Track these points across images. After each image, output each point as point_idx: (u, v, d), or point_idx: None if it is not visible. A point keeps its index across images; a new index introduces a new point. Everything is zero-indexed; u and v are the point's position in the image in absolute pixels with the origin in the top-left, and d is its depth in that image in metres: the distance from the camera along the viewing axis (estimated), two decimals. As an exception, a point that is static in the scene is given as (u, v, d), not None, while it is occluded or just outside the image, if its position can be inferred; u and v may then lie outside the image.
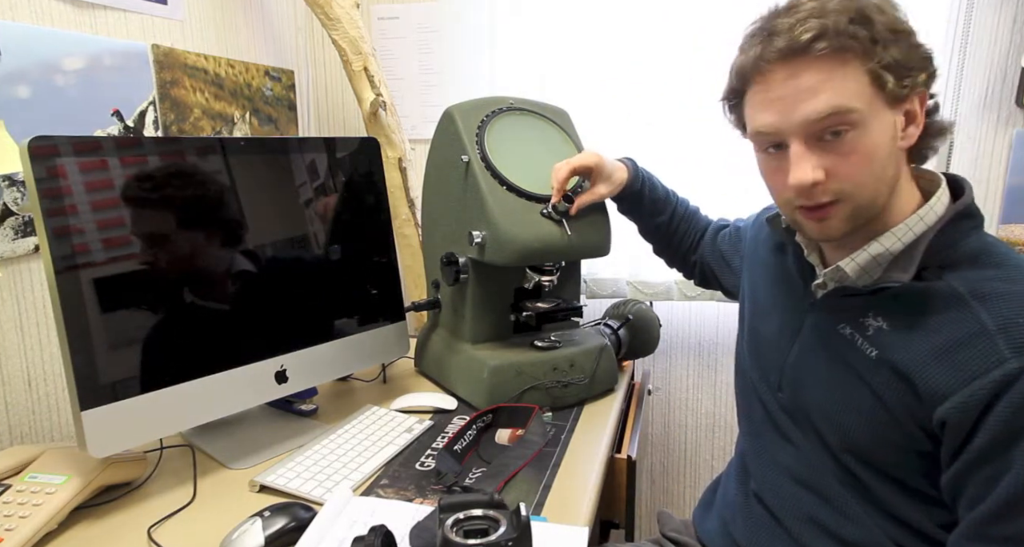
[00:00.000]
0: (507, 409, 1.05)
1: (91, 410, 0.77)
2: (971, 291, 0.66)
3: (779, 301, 0.87)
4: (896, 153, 0.70)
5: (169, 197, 0.86)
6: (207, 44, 1.39)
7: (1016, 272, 0.66)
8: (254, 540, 0.73)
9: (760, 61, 0.68)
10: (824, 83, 0.66)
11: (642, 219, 1.16)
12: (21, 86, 1.00)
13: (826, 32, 0.65)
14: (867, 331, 0.73)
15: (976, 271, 0.67)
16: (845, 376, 0.74)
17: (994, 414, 0.61)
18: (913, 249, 0.71)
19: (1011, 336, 0.61)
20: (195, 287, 0.89)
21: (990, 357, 0.62)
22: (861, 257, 0.73)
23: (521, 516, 0.63)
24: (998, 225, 1.44)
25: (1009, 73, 1.39)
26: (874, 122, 0.67)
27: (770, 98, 0.70)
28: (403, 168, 1.57)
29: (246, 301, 0.95)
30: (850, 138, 0.67)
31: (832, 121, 0.66)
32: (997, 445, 0.61)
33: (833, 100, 0.66)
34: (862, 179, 0.68)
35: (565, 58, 1.58)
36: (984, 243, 0.70)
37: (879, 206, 0.71)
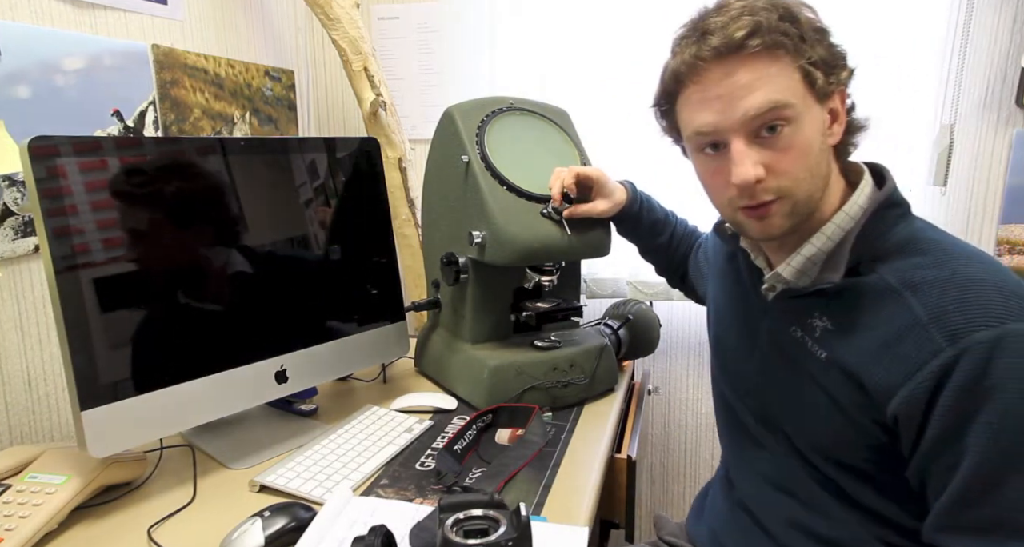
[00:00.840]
0: (507, 409, 1.05)
1: (91, 410, 0.77)
2: (902, 282, 0.66)
3: (736, 308, 0.88)
4: (827, 149, 0.72)
5: (168, 197, 0.86)
6: (207, 44, 1.39)
7: (943, 257, 0.66)
8: (254, 540, 0.73)
9: (696, 60, 0.68)
10: (759, 79, 0.67)
11: (642, 240, 1.16)
12: (21, 86, 1.00)
13: (759, 29, 0.66)
14: (815, 332, 0.73)
15: (905, 260, 0.68)
16: (801, 379, 0.75)
17: (940, 404, 0.61)
18: (842, 246, 0.72)
19: (943, 324, 0.62)
20: (195, 287, 0.89)
21: (926, 348, 0.62)
22: (796, 260, 0.74)
23: (521, 516, 0.63)
24: (998, 225, 1.44)
25: (1009, 73, 1.39)
26: (807, 117, 0.69)
27: (707, 97, 0.70)
28: (403, 168, 1.57)
29: (246, 301, 0.95)
30: (786, 133, 0.68)
31: (770, 116, 0.67)
32: (948, 434, 0.61)
33: (771, 95, 0.66)
34: (800, 174, 0.69)
35: (565, 58, 1.58)
36: (912, 230, 0.70)
37: (815, 202, 0.72)
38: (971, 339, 0.60)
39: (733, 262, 0.90)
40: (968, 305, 0.61)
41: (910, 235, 0.70)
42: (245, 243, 0.95)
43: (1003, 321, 0.60)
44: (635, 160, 1.54)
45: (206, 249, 0.91)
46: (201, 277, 0.90)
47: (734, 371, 0.87)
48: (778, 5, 0.67)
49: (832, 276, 0.71)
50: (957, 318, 0.61)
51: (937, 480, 0.64)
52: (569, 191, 1.04)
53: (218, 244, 0.92)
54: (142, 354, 0.83)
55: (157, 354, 0.84)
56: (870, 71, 1.42)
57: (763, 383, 0.81)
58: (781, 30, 0.66)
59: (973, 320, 0.60)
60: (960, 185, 1.46)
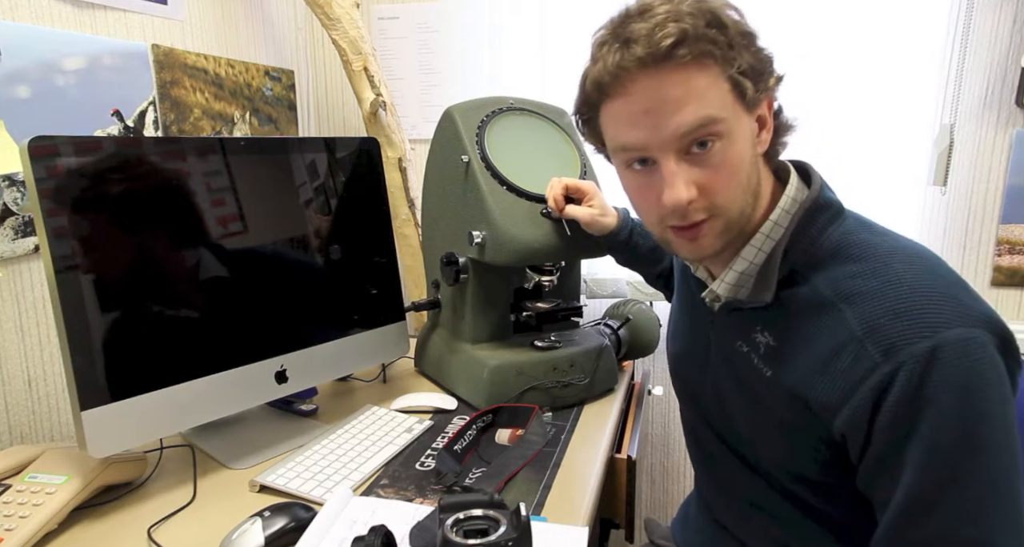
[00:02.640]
0: (507, 409, 1.05)
1: (91, 410, 0.77)
2: (836, 293, 0.64)
3: (690, 322, 0.86)
4: (756, 159, 0.69)
5: (167, 197, 0.86)
6: (207, 44, 1.39)
7: (876, 263, 0.63)
8: (254, 540, 0.73)
9: (619, 70, 0.63)
10: (688, 93, 0.62)
11: (644, 268, 1.12)
12: (21, 86, 1.00)
13: (686, 37, 0.61)
14: (759, 349, 0.71)
15: (839, 268, 0.65)
16: (751, 397, 0.73)
17: (880, 419, 0.59)
18: (772, 258, 0.69)
19: (877, 338, 0.59)
20: (194, 287, 0.89)
21: (863, 364, 0.60)
22: (729, 276, 0.72)
23: (521, 516, 0.63)
24: (998, 225, 1.44)
25: (1009, 73, 1.39)
26: (737, 130, 0.65)
27: (634, 111, 0.65)
28: (403, 168, 1.57)
29: (246, 301, 0.95)
30: (718, 149, 0.64)
31: (701, 133, 0.63)
32: (888, 450, 0.60)
33: (701, 111, 0.62)
34: (732, 192, 0.66)
35: (565, 58, 1.58)
36: (843, 233, 0.67)
37: (747, 217, 0.69)
38: (906, 353, 0.58)
39: (685, 274, 0.87)
40: (901, 316, 0.59)
41: (841, 239, 0.67)
42: (245, 243, 0.95)
43: (936, 330, 0.57)
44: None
45: (206, 249, 0.91)
46: (200, 277, 0.90)
47: (693, 386, 0.85)
48: (704, 10, 0.62)
49: (764, 295, 0.69)
50: (891, 331, 0.59)
51: (881, 494, 0.62)
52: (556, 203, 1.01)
53: (218, 244, 0.92)
54: (142, 354, 0.83)
55: (157, 354, 0.84)
56: (870, 71, 1.42)
57: (719, 399, 0.79)
58: (709, 38, 0.61)
59: (906, 332, 0.58)
60: (960, 185, 1.46)
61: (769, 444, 0.72)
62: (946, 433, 0.57)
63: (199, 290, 0.90)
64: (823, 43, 1.42)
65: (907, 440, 0.58)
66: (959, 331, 0.57)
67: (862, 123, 1.45)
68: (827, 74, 1.43)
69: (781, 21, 1.41)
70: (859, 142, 1.46)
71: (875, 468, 0.62)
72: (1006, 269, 1.45)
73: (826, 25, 1.41)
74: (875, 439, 0.60)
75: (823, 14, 1.41)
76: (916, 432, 0.58)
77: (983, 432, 0.57)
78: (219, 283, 0.92)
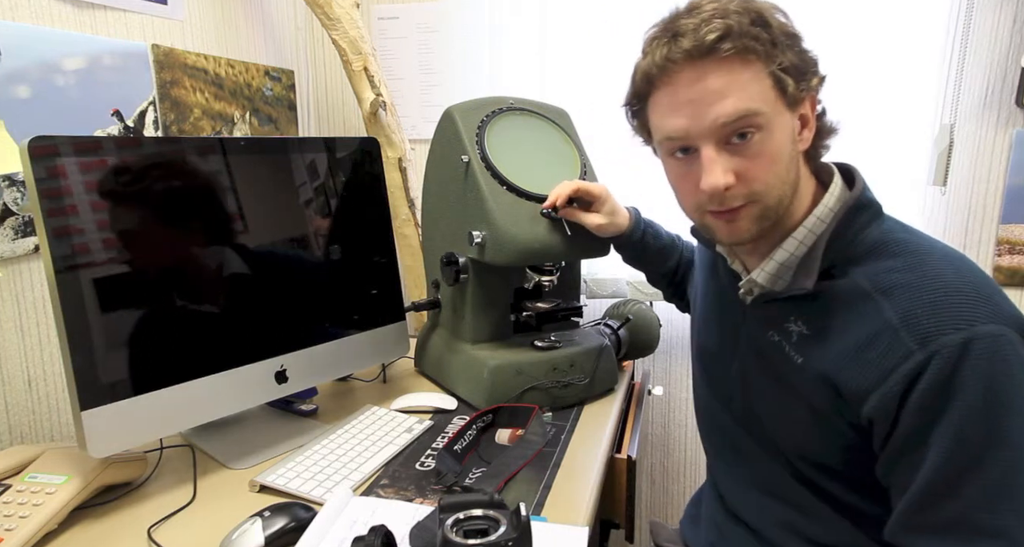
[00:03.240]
0: (507, 409, 1.05)
1: (91, 410, 0.77)
2: (874, 286, 0.67)
3: (717, 313, 0.87)
4: (796, 155, 0.72)
5: (168, 198, 0.86)
6: (207, 44, 1.39)
7: (914, 259, 0.67)
8: (254, 540, 0.73)
9: (667, 62, 0.67)
10: (730, 85, 0.66)
11: (649, 268, 1.14)
12: (21, 86, 1.00)
13: (730, 32, 0.65)
14: (792, 337, 0.73)
15: (878, 263, 0.68)
16: (779, 383, 0.75)
17: (908, 405, 0.62)
18: (814, 251, 0.71)
19: (913, 328, 0.62)
20: (195, 287, 0.89)
21: (898, 352, 0.63)
22: (769, 265, 0.74)
23: (521, 516, 0.63)
24: (998, 225, 1.44)
25: (1009, 73, 1.39)
26: (777, 124, 0.68)
27: (678, 101, 0.69)
28: (403, 168, 1.57)
29: (246, 301, 0.95)
30: (757, 140, 0.67)
31: (741, 124, 0.67)
32: (914, 433, 0.62)
33: (741, 103, 0.66)
34: (770, 181, 0.69)
35: (565, 58, 1.58)
36: (883, 232, 0.70)
37: (784, 207, 0.72)
38: (940, 342, 0.60)
39: (714, 267, 0.89)
40: (937, 308, 0.62)
41: (881, 237, 0.70)
42: (245, 243, 0.95)
43: (971, 324, 0.60)
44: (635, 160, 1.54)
45: (205, 249, 0.91)
46: (201, 277, 0.90)
47: (716, 376, 0.87)
48: (750, 9, 0.66)
49: (805, 282, 0.71)
50: (927, 322, 0.62)
51: (901, 479, 0.64)
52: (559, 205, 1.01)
53: (217, 244, 0.92)
54: (142, 354, 0.83)
55: (157, 354, 0.84)
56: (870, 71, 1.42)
57: (744, 388, 0.81)
58: (752, 35, 0.65)
59: (942, 323, 0.61)
60: (960, 185, 1.46)
61: (793, 431, 0.74)
62: (972, 421, 0.60)
63: (199, 290, 0.90)
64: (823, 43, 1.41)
65: (933, 425, 0.61)
66: (992, 327, 0.60)
67: (862, 123, 1.45)
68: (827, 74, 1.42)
69: (781, 21, 1.41)
70: (859, 142, 1.46)
71: (898, 452, 0.64)
72: (1006, 269, 1.45)
73: (826, 25, 1.41)
74: (902, 423, 0.63)
75: (823, 14, 1.41)
76: (943, 418, 0.61)
77: (1007, 424, 0.60)
78: (219, 283, 0.92)
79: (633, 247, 1.08)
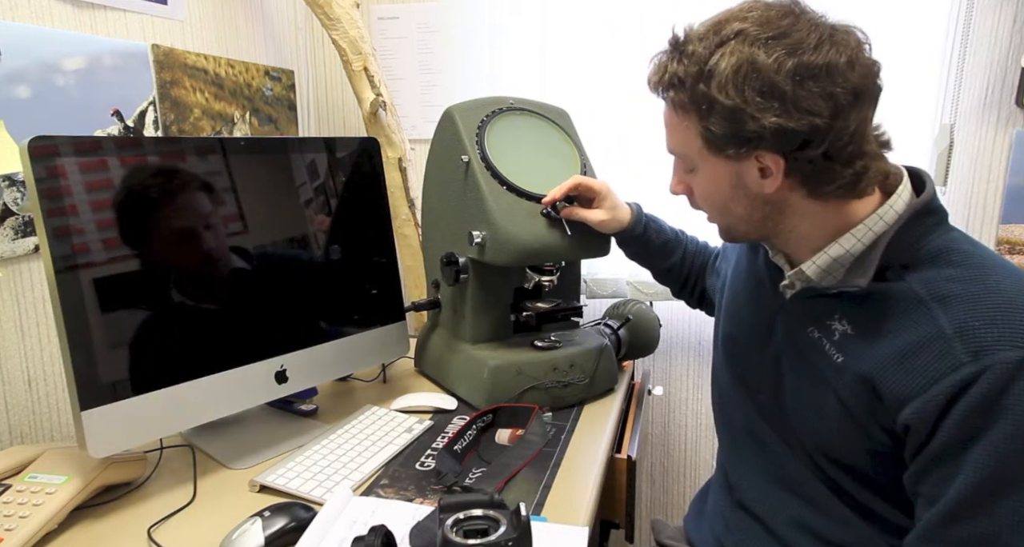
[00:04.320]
0: (507, 409, 1.05)
1: (91, 410, 0.77)
2: (931, 293, 0.65)
3: (752, 303, 0.87)
4: (749, 196, 0.72)
5: (168, 197, 0.86)
6: (207, 44, 1.39)
7: (976, 271, 0.65)
8: (254, 540, 0.73)
9: None
10: (669, 125, 0.75)
11: (654, 263, 1.13)
12: (21, 86, 1.00)
13: (661, 87, 0.72)
14: (833, 335, 0.72)
15: (937, 270, 0.66)
16: (813, 379, 0.74)
17: (950, 417, 0.61)
18: (872, 250, 0.70)
19: (967, 340, 0.61)
20: (195, 287, 0.89)
21: (947, 361, 0.61)
22: (822, 259, 0.73)
23: (521, 516, 0.63)
24: (998, 225, 1.44)
25: (1009, 73, 1.39)
26: (707, 168, 0.73)
27: None
28: (403, 168, 1.57)
29: (246, 301, 0.95)
30: (695, 173, 0.76)
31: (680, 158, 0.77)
32: (951, 447, 0.61)
33: (673, 146, 0.76)
34: (711, 209, 0.78)
35: (565, 58, 1.58)
36: (947, 240, 0.69)
37: (744, 233, 0.78)
38: (995, 358, 0.59)
39: (753, 256, 0.89)
40: (996, 323, 0.60)
41: (944, 245, 0.68)
42: (245, 243, 0.95)
43: None
44: (635, 160, 1.54)
45: (206, 249, 0.91)
46: (201, 277, 0.90)
47: (745, 366, 0.86)
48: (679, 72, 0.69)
49: (859, 280, 0.69)
50: (983, 335, 0.60)
51: (929, 490, 0.64)
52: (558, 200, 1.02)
53: (218, 244, 0.92)
54: (142, 354, 0.83)
55: (157, 354, 0.84)
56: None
57: (774, 380, 0.80)
58: (670, 97, 0.71)
59: (1000, 339, 0.59)
60: (960, 185, 1.46)
61: (821, 428, 0.73)
62: (1016, 443, 0.58)
63: (199, 290, 0.90)
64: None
65: (973, 441, 0.60)
66: None
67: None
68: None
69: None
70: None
71: (930, 462, 0.63)
72: (1006, 269, 1.45)
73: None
74: (940, 434, 0.62)
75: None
76: (985, 436, 0.59)
77: None
78: (219, 283, 0.92)
79: (636, 242, 1.08)
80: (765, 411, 0.82)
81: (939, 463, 0.62)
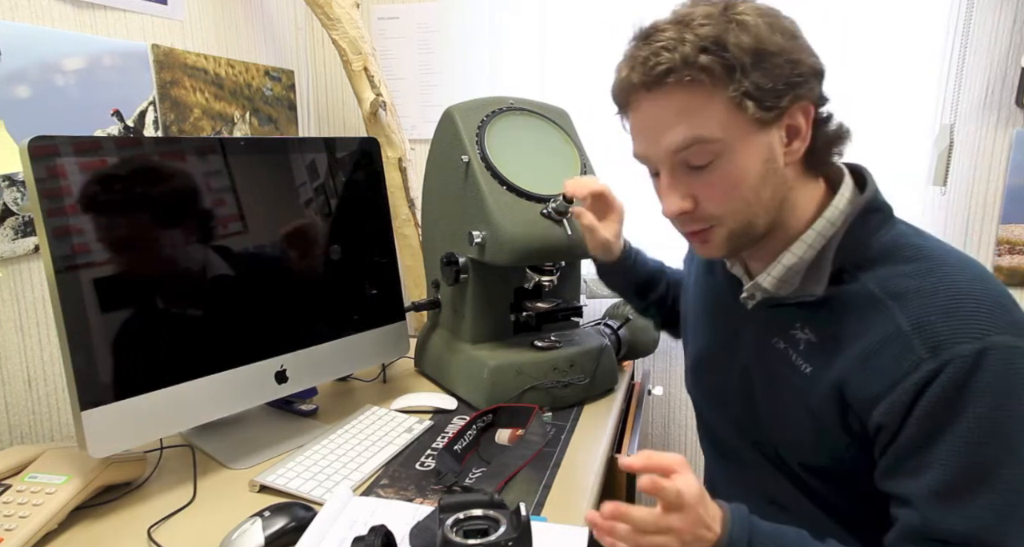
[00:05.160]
0: (507, 409, 1.05)
1: (91, 410, 0.77)
2: (886, 291, 0.65)
3: (715, 319, 0.85)
4: (775, 173, 0.68)
5: (167, 197, 0.86)
6: (207, 44, 1.39)
7: (928, 264, 0.65)
8: (254, 540, 0.73)
9: (622, 91, 0.70)
10: (680, 114, 0.65)
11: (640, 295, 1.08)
12: (21, 86, 1.00)
13: (675, 67, 0.64)
14: (798, 345, 0.72)
15: (890, 268, 0.66)
16: (785, 393, 0.73)
17: (915, 414, 0.61)
18: (823, 255, 0.69)
19: (925, 335, 0.61)
20: (195, 287, 0.89)
21: (908, 359, 0.61)
22: (776, 269, 0.72)
23: (521, 516, 0.63)
24: (998, 225, 1.44)
25: (1009, 73, 1.39)
26: (739, 148, 0.65)
27: (638, 127, 0.71)
28: (403, 168, 1.57)
29: (246, 301, 0.95)
30: (715, 166, 0.66)
31: (694, 151, 0.66)
32: (918, 443, 0.61)
33: (691, 132, 0.65)
34: (732, 205, 0.68)
35: (565, 58, 1.58)
36: (895, 236, 0.68)
37: (759, 227, 0.69)
38: (953, 352, 0.59)
39: (711, 272, 0.88)
40: (951, 316, 0.60)
41: (893, 241, 0.68)
42: (244, 243, 0.95)
43: (985, 334, 0.59)
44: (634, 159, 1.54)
45: (204, 249, 0.91)
46: (201, 277, 0.90)
47: (712, 383, 0.85)
48: (704, 35, 0.63)
49: (815, 288, 0.69)
50: (940, 329, 0.60)
51: (901, 490, 0.63)
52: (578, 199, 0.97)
53: (218, 244, 0.92)
54: (142, 354, 0.83)
55: (157, 354, 0.84)
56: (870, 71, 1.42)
57: (744, 395, 0.79)
58: (700, 66, 0.63)
59: (957, 331, 0.59)
60: (960, 185, 1.46)
61: (797, 439, 0.73)
62: (981, 435, 0.58)
63: (199, 290, 0.90)
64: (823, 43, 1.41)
65: (939, 436, 0.60)
66: (1007, 338, 0.59)
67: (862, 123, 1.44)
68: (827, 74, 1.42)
69: (781, 21, 1.41)
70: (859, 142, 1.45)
71: (900, 460, 0.63)
72: (1006, 269, 1.45)
73: (826, 25, 1.41)
74: (905, 432, 0.61)
75: (823, 14, 1.41)
76: (951, 430, 0.59)
77: (1018, 441, 0.59)
78: (219, 283, 0.92)
79: (626, 273, 1.04)
80: (739, 426, 0.81)
81: (907, 460, 0.62)
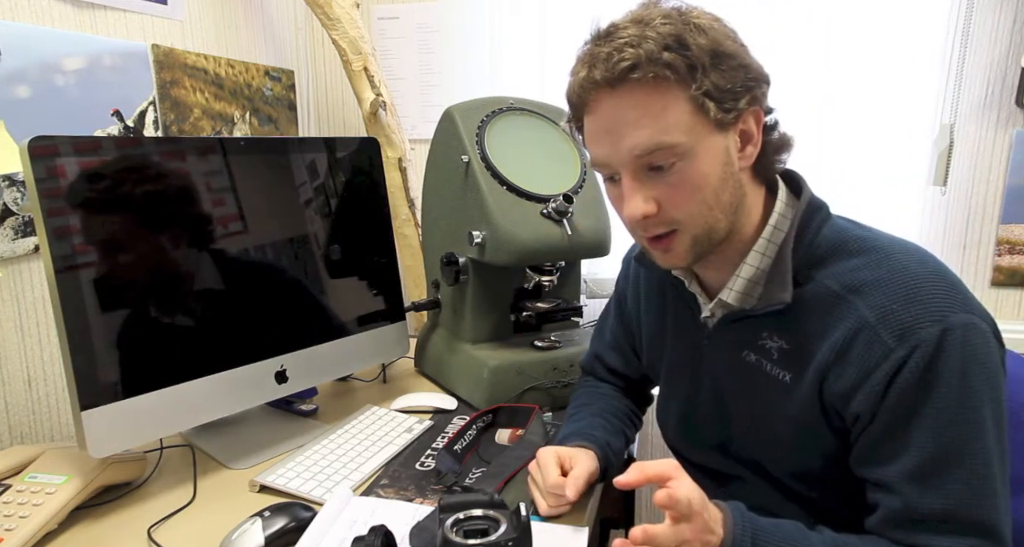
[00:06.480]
0: (507, 409, 1.05)
1: (91, 410, 0.77)
2: (843, 286, 0.66)
3: (673, 340, 0.85)
4: (733, 176, 0.68)
5: (167, 197, 0.86)
6: (207, 44, 1.39)
7: (877, 255, 0.67)
8: (254, 540, 0.73)
9: (583, 91, 0.68)
10: (644, 116, 0.64)
11: None
12: (21, 86, 1.00)
13: (640, 63, 0.63)
14: (772, 355, 0.72)
15: (841, 263, 0.68)
16: (761, 403, 0.73)
17: (888, 400, 0.63)
18: (781, 261, 0.70)
19: (890, 323, 0.63)
20: (195, 287, 0.89)
21: (878, 349, 0.63)
22: (737, 283, 0.72)
23: (521, 516, 0.63)
24: (998, 225, 1.44)
25: (1009, 73, 1.39)
26: (700, 150, 0.65)
27: (598, 130, 0.68)
28: (403, 168, 1.57)
29: (246, 301, 0.95)
30: (678, 168, 0.65)
31: (657, 155, 0.65)
32: (893, 426, 0.63)
33: (655, 136, 0.64)
34: (694, 209, 0.67)
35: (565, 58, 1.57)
36: (838, 231, 0.70)
37: (721, 231, 0.69)
38: (919, 337, 0.61)
39: (660, 294, 0.87)
40: (911, 302, 0.63)
41: (837, 236, 0.69)
42: (244, 243, 0.95)
43: (944, 315, 0.61)
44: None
45: (204, 249, 0.91)
46: (200, 277, 0.90)
47: (683, 406, 0.84)
48: (666, 33, 0.63)
49: (782, 295, 0.68)
50: (902, 316, 0.62)
51: (878, 473, 0.64)
52: None
53: (218, 244, 0.92)
54: (142, 354, 0.83)
55: (157, 354, 0.84)
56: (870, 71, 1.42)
57: (718, 412, 0.79)
58: (665, 62, 0.62)
59: (919, 316, 0.62)
60: (960, 185, 1.46)
61: (782, 450, 0.73)
62: (950, 414, 0.61)
63: (199, 290, 0.89)
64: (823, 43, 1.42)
65: (913, 420, 0.62)
66: (963, 317, 0.62)
67: (862, 123, 1.45)
68: (827, 74, 1.43)
69: (781, 22, 1.41)
70: (859, 142, 1.46)
71: (876, 446, 0.64)
72: (1006, 269, 1.45)
73: (826, 25, 1.41)
74: (880, 418, 0.63)
75: (823, 14, 1.41)
76: (923, 413, 0.62)
77: (983, 413, 0.61)
78: (219, 283, 0.92)
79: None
80: (719, 446, 0.80)
81: (882, 444, 0.64)
